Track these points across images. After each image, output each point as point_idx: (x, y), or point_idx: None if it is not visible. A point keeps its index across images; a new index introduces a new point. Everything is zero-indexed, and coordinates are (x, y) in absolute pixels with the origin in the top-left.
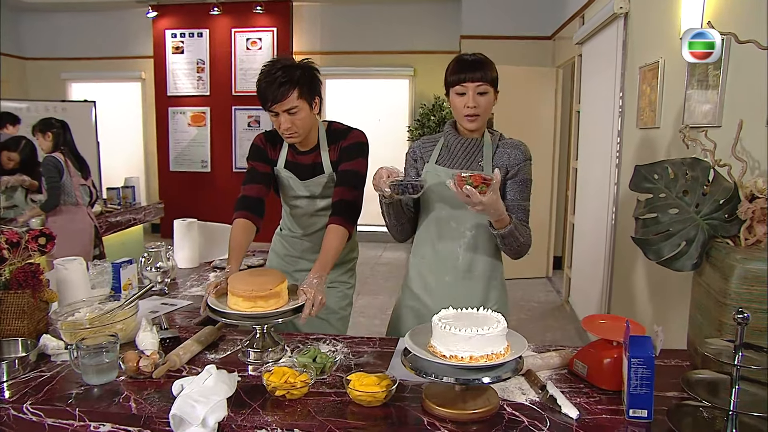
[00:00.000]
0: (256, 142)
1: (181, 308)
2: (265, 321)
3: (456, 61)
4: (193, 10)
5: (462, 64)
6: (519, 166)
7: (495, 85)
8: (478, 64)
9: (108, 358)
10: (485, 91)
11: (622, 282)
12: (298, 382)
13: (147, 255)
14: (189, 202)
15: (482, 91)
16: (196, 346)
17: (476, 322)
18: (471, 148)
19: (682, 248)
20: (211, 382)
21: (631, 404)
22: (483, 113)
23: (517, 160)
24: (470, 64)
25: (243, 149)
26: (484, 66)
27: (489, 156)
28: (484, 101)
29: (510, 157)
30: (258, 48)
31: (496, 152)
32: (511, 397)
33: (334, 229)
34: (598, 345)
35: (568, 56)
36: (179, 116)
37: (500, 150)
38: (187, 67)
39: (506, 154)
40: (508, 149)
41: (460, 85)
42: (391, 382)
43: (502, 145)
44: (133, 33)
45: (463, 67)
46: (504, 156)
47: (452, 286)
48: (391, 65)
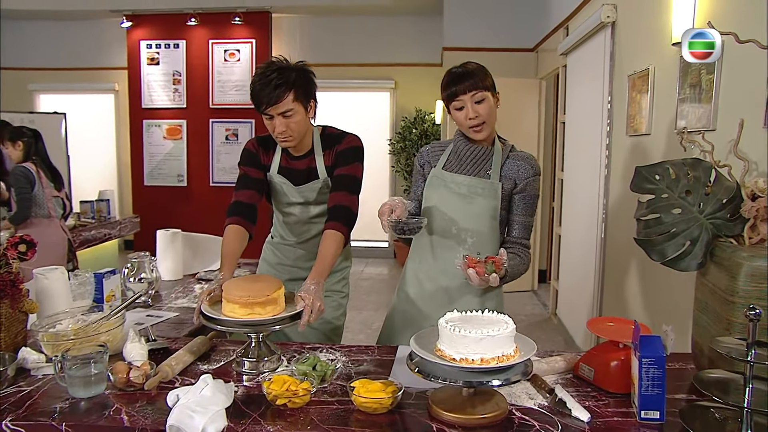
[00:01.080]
0: (248, 147)
1: (167, 320)
2: (262, 328)
3: (446, 76)
4: (169, 20)
5: (452, 78)
6: (528, 181)
7: (492, 88)
8: (467, 74)
9: (96, 369)
10: (482, 98)
11: (613, 292)
12: (300, 390)
13: (130, 265)
14: (164, 216)
15: (479, 99)
16: (189, 356)
17: (484, 324)
18: (480, 155)
19: (687, 248)
20: (209, 391)
21: (642, 405)
22: (487, 119)
23: (526, 174)
24: (459, 76)
25: (221, 163)
26: (474, 74)
27: (497, 165)
28: (483, 108)
29: (519, 170)
30: (236, 60)
31: (506, 163)
32: (519, 401)
33: (331, 235)
34: (604, 347)
35: (552, 67)
36: (154, 129)
37: (510, 161)
38: (163, 78)
39: (516, 166)
40: (518, 161)
41: (456, 100)
42: (396, 388)
43: (513, 156)
44: (107, 43)
45: (454, 80)
46: (513, 168)
47: (449, 293)
48: (372, 78)
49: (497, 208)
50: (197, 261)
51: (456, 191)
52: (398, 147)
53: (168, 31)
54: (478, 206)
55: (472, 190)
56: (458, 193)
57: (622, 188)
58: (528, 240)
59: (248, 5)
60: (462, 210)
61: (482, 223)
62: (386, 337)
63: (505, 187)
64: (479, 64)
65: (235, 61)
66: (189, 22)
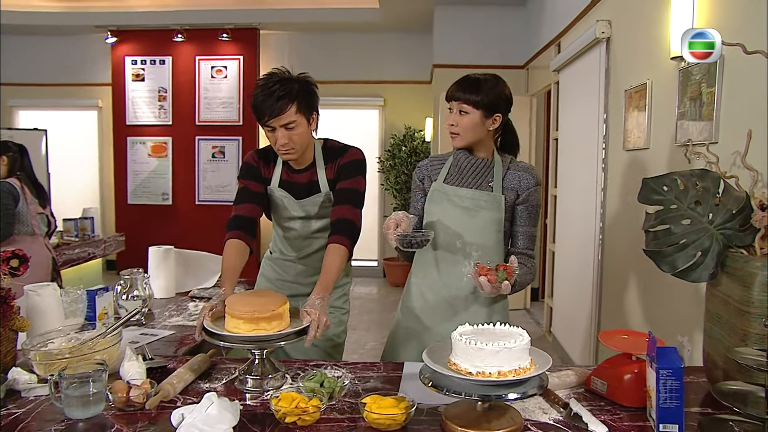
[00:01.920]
0: (248, 160)
1: (163, 338)
2: (268, 344)
3: (458, 80)
4: (155, 36)
5: (459, 82)
6: (530, 191)
7: (484, 107)
8: (474, 84)
9: (95, 389)
10: (467, 111)
11: (611, 307)
12: (310, 407)
13: (123, 282)
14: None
15: (464, 111)
16: (190, 374)
17: (499, 336)
18: (481, 167)
19: (698, 259)
20: (215, 410)
21: (661, 419)
22: (462, 132)
23: (528, 185)
24: (465, 82)
25: (207, 181)
26: (477, 88)
27: (499, 177)
28: (463, 121)
29: (521, 181)
30: (223, 76)
31: (507, 175)
32: (533, 416)
33: (335, 249)
34: (617, 360)
35: (543, 84)
36: (139, 146)
37: (511, 173)
38: (148, 95)
39: (517, 177)
40: (519, 172)
41: (449, 103)
42: (409, 403)
43: (513, 168)
44: (91, 59)
45: (458, 84)
46: (515, 179)
47: (454, 307)
48: (361, 95)
49: (501, 220)
50: (190, 278)
51: (459, 205)
52: (387, 165)
53: (154, 47)
54: (482, 219)
55: (475, 203)
56: (461, 207)
57: (620, 203)
58: (532, 250)
59: (236, 22)
60: (466, 223)
61: (487, 236)
62: (390, 354)
63: (507, 198)
64: (497, 81)
65: (222, 77)
66: (175, 38)
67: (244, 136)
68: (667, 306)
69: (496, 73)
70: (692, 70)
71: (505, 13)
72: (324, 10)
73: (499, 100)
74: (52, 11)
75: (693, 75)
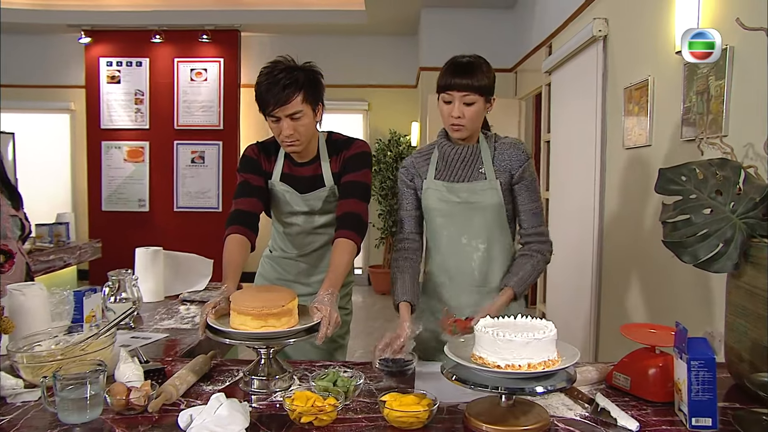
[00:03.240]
0: (248, 153)
1: (157, 341)
2: (277, 341)
3: (449, 64)
4: (131, 36)
5: (452, 68)
6: (523, 168)
7: (486, 92)
8: (469, 68)
9: (93, 391)
10: (472, 101)
11: (612, 310)
12: (327, 406)
13: (111, 283)
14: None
15: (469, 102)
16: (192, 376)
17: (524, 328)
18: (468, 156)
19: (721, 249)
20: (225, 411)
21: (693, 412)
22: (469, 123)
23: (519, 161)
24: (460, 67)
25: (186, 187)
26: (475, 72)
27: (488, 161)
28: (470, 112)
29: (512, 159)
30: (203, 79)
31: (495, 155)
32: (558, 413)
33: (343, 243)
34: (640, 354)
35: (533, 87)
36: (114, 151)
37: (499, 152)
38: (124, 98)
39: (507, 155)
40: (507, 150)
41: (446, 93)
42: (431, 400)
43: (500, 146)
44: (63, 60)
45: (453, 71)
46: (504, 158)
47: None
48: (345, 99)
49: (501, 205)
50: (179, 281)
51: (455, 200)
52: (372, 170)
53: (130, 49)
54: (482, 210)
55: (471, 196)
56: (458, 202)
57: (620, 202)
58: (541, 226)
59: (216, 23)
60: (467, 219)
61: (490, 225)
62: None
63: (501, 180)
64: (485, 61)
65: (202, 80)
66: (153, 39)
67: (224, 140)
68: (672, 308)
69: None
70: (699, 64)
71: (493, 16)
72: (308, 12)
73: (494, 83)
74: (21, 8)
75: (700, 68)
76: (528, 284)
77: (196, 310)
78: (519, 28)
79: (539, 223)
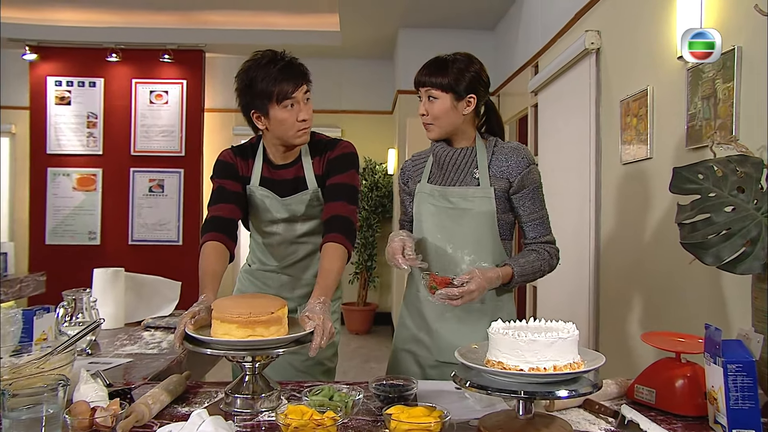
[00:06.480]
0: (223, 158)
1: (119, 365)
2: (266, 352)
3: (425, 63)
4: (84, 54)
5: (425, 65)
6: (522, 175)
7: (453, 89)
8: (435, 64)
9: (51, 409)
10: (436, 97)
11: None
12: (326, 420)
13: (66, 303)
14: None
15: (433, 96)
16: (166, 395)
17: (543, 329)
18: (462, 159)
19: (747, 249)
20: (209, 427)
21: (733, 423)
22: (434, 121)
23: (518, 167)
24: (428, 64)
25: (143, 218)
26: (441, 68)
27: (484, 165)
28: (434, 108)
29: (510, 164)
30: (164, 102)
31: (492, 160)
32: (579, 427)
33: (333, 248)
34: (664, 365)
35: (518, 109)
36: (62, 178)
37: (496, 157)
38: (75, 121)
39: (504, 161)
40: (505, 155)
41: (418, 90)
42: (443, 412)
43: (499, 151)
44: (3, 78)
45: (424, 68)
46: (502, 163)
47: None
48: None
49: (493, 213)
50: (143, 306)
51: (446, 206)
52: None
53: (83, 68)
54: (471, 218)
55: (462, 201)
56: (448, 208)
57: (617, 219)
58: (548, 235)
59: (179, 42)
60: (454, 226)
61: (479, 235)
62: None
63: (498, 187)
64: (469, 60)
65: (162, 103)
66: (109, 57)
67: (186, 168)
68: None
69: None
70: (704, 68)
71: (474, 37)
72: (278, 32)
73: (472, 80)
74: None
75: (705, 73)
76: (528, 275)
77: (163, 336)
78: (501, 50)
79: (546, 232)
